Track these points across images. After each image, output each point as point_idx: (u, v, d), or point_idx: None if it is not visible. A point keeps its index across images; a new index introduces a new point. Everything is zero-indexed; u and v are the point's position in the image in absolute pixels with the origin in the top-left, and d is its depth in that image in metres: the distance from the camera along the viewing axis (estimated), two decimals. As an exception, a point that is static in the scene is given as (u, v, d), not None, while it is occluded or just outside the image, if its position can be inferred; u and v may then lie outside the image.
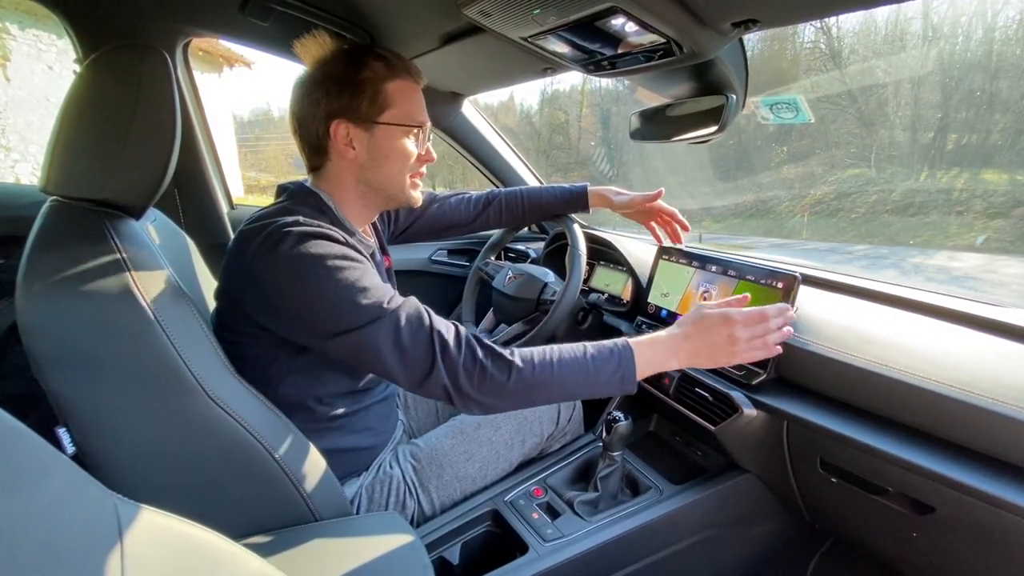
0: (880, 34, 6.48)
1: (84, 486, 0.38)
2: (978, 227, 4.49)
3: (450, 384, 0.69)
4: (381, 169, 0.84)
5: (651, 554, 0.96)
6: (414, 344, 0.69)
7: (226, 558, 0.43)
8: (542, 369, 0.72)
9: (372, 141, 0.82)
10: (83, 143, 0.62)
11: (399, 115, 0.82)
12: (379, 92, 0.80)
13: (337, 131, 0.80)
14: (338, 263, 0.70)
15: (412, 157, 0.85)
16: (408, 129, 0.83)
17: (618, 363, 0.74)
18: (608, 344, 0.76)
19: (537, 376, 0.71)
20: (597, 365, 0.73)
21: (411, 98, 0.84)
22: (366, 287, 0.71)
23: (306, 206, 0.80)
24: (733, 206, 5.76)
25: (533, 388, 0.72)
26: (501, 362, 0.71)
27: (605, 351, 0.75)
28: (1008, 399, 0.65)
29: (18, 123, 4.81)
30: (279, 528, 0.72)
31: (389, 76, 0.81)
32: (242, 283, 0.74)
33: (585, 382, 0.73)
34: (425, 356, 0.69)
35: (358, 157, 0.82)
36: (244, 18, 1.03)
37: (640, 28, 0.71)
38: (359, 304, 0.69)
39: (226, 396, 0.65)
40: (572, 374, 0.73)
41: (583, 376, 0.73)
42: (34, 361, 0.59)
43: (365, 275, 0.72)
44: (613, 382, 0.74)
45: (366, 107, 0.80)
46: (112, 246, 0.62)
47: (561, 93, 10.32)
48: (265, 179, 12.60)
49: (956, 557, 0.76)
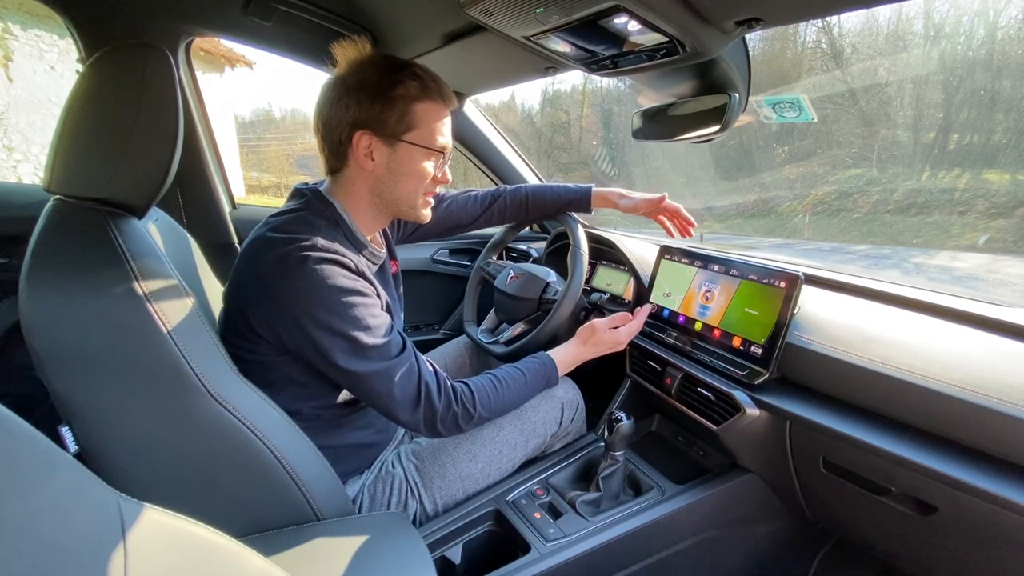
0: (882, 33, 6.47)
1: (88, 484, 0.38)
2: (980, 227, 4.48)
3: (426, 427, 0.83)
4: (397, 185, 0.85)
5: (653, 554, 0.96)
6: (403, 390, 0.80)
7: (229, 557, 0.43)
8: (496, 406, 0.90)
9: (393, 157, 0.82)
10: (86, 142, 0.62)
11: (423, 136, 0.82)
12: (408, 111, 0.80)
13: (360, 141, 0.80)
14: (350, 299, 0.75)
15: (428, 178, 0.86)
16: (429, 152, 0.84)
17: (546, 377, 0.98)
18: (537, 365, 0.98)
19: (492, 413, 0.90)
20: (531, 385, 0.96)
21: (439, 122, 0.84)
22: (370, 327, 0.77)
23: (322, 218, 0.82)
24: (735, 206, 5.75)
25: (485, 420, 0.91)
26: (467, 411, 0.86)
27: (539, 373, 0.97)
28: (1012, 399, 0.65)
29: (20, 123, 4.82)
30: (281, 527, 0.72)
31: (421, 96, 0.81)
32: (253, 293, 0.75)
33: (524, 399, 0.97)
34: (411, 401, 0.81)
35: (376, 170, 0.83)
36: (247, 17, 1.03)
37: (643, 27, 0.71)
38: (362, 345, 0.76)
39: (229, 395, 0.65)
40: (515, 400, 0.94)
41: (523, 397, 0.96)
42: (37, 360, 0.59)
43: (372, 314, 0.78)
44: (542, 385, 0.99)
45: (393, 123, 0.80)
46: (115, 245, 0.62)
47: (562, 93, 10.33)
48: (266, 179, 12.61)
49: (959, 557, 0.76)
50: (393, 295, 0.96)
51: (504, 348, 1.17)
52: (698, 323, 1.05)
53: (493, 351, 1.18)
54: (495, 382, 0.91)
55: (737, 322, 0.96)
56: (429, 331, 1.77)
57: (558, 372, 0.99)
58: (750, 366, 0.92)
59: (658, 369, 1.09)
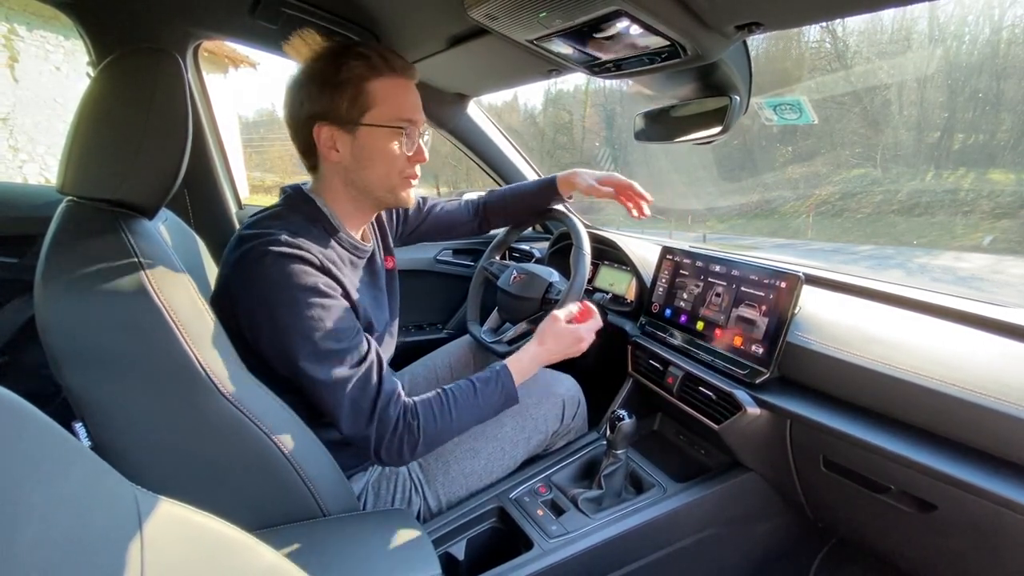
0: (886, 34, 6.45)
1: (105, 477, 0.39)
2: (984, 227, 4.46)
3: (373, 447, 0.77)
4: (366, 172, 0.81)
5: (654, 551, 0.97)
6: (354, 403, 0.74)
7: (242, 550, 0.44)
8: (442, 431, 0.81)
9: (355, 143, 0.79)
10: (99, 144, 0.63)
11: (382, 115, 0.78)
12: (360, 92, 0.77)
13: (320, 134, 0.78)
14: (307, 298, 0.72)
15: (399, 158, 0.82)
16: (394, 130, 0.80)
17: (501, 390, 0.87)
18: (491, 377, 0.87)
19: (439, 438, 0.82)
20: (485, 401, 0.86)
21: (397, 96, 0.79)
22: (329, 329, 0.72)
23: (299, 213, 0.80)
24: (738, 206, 5.75)
25: (430, 448, 0.81)
26: (411, 438, 0.78)
27: (490, 387, 0.86)
28: (1011, 398, 0.65)
29: (26, 124, 4.85)
30: (288, 523, 0.73)
31: (370, 74, 0.77)
32: (226, 292, 0.75)
33: (477, 419, 0.86)
34: (363, 417, 0.75)
35: (343, 160, 0.80)
36: (254, 21, 1.04)
37: (645, 31, 0.72)
38: (319, 349, 0.72)
39: (239, 393, 0.66)
40: (466, 420, 0.84)
41: (475, 416, 0.85)
42: (52, 357, 0.60)
43: (331, 315, 0.73)
44: (499, 406, 0.88)
45: (346, 108, 0.77)
46: (127, 245, 0.63)
47: (565, 93, 10.33)
48: (270, 179, 12.64)
49: (958, 555, 0.77)
50: (381, 290, 0.94)
51: (507, 347, 1.17)
52: (699, 322, 1.06)
53: (496, 350, 1.19)
54: (443, 402, 0.82)
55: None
56: (432, 331, 1.78)
57: (514, 382, 0.89)
58: (751, 365, 0.93)
59: (660, 368, 1.10)
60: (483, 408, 0.85)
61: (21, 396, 0.34)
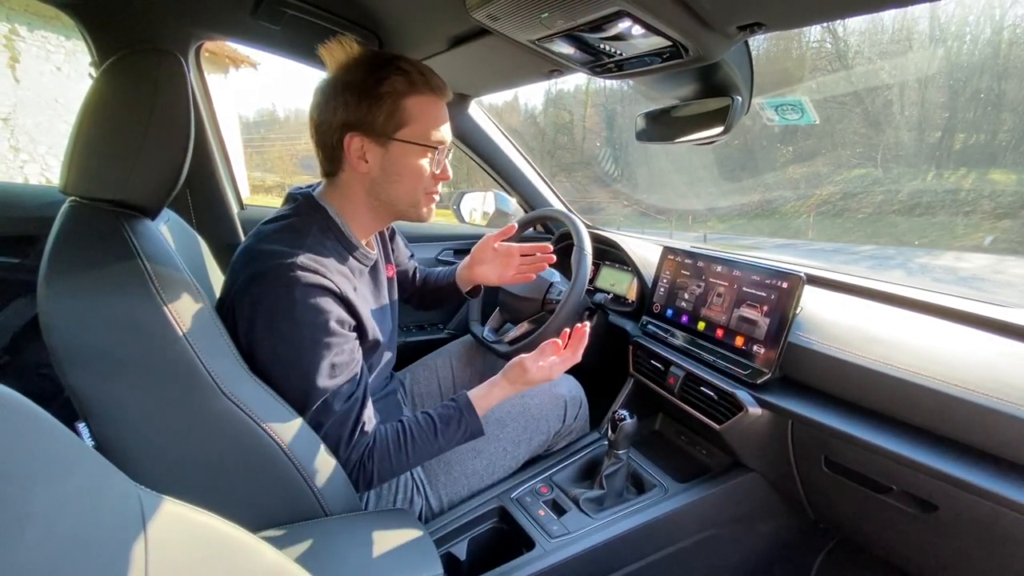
0: (887, 34, 6.46)
1: (109, 476, 0.39)
2: (985, 227, 4.46)
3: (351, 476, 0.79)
4: (394, 186, 0.82)
5: (656, 551, 0.97)
6: (326, 437, 0.76)
7: (245, 549, 0.44)
8: (397, 469, 0.82)
9: (386, 157, 0.79)
10: (102, 145, 0.63)
11: (416, 133, 0.79)
12: (397, 107, 0.77)
13: (351, 144, 0.78)
14: (319, 337, 0.73)
15: (426, 176, 0.82)
16: (424, 148, 0.80)
17: (464, 429, 0.87)
18: (453, 415, 0.86)
19: (394, 474, 0.83)
20: (446, 438, 0.85)
21: (431, 115, 0.80)
22: (328, 367, 0.74)
23: (313, 223, 0.80)
24: (738, 206, 5.75)
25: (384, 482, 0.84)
26: (364, 475, 0.80)
27: (451, 427, 0.86)
28: (1013, 399, 0.65)
29: (27, 124, 4.85)
30: (290, 523, 0.73)
31: (409, 91, 0.77)
32: (234, 304, 0.75)
33: (436, 455, 0.86)
34: (335, 444, 0.77)
35: (371, 171, 0.80)
36: (256, 21, 1.04)
37: (647, 31, 0.72)
38: (310, 382, 0.73)
39: (241, 393, 0.66)
40: (423, 458, 0.85)
41: (433, 454, 0.86)
42: (55, 357, 0.60)
43: (333, 354, 0.75)
44: (461, 441, 0.88)
45: (382, 122, 0.77)
46: (130, 246, 0.63)
47: (566, 93, 10.34)
48: (271, 179, 12.64)
49: (959, 555, 0.77)
50: (384, 299, 0.94)
51: (508, 347, 1.18)
52: (701, 323, 1.06)
53: (497, 350, 1.19)
54: (400, 442, 0.82)
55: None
56: (434, 330, 1.78)
57: (476, 414, 0.88)
58: (753, 366, 0.93)
59: (661, 368, 1.10)
60: (443, 447, 0.86)
61: (25, 395, 0.34)
